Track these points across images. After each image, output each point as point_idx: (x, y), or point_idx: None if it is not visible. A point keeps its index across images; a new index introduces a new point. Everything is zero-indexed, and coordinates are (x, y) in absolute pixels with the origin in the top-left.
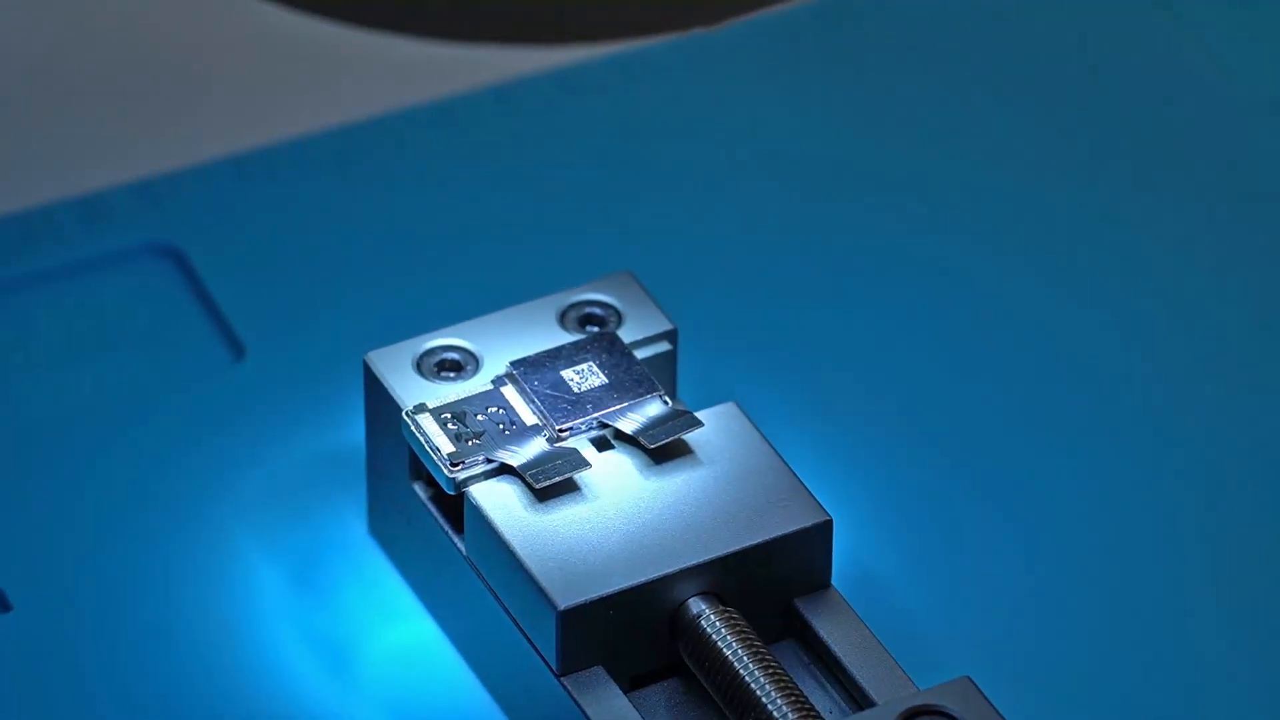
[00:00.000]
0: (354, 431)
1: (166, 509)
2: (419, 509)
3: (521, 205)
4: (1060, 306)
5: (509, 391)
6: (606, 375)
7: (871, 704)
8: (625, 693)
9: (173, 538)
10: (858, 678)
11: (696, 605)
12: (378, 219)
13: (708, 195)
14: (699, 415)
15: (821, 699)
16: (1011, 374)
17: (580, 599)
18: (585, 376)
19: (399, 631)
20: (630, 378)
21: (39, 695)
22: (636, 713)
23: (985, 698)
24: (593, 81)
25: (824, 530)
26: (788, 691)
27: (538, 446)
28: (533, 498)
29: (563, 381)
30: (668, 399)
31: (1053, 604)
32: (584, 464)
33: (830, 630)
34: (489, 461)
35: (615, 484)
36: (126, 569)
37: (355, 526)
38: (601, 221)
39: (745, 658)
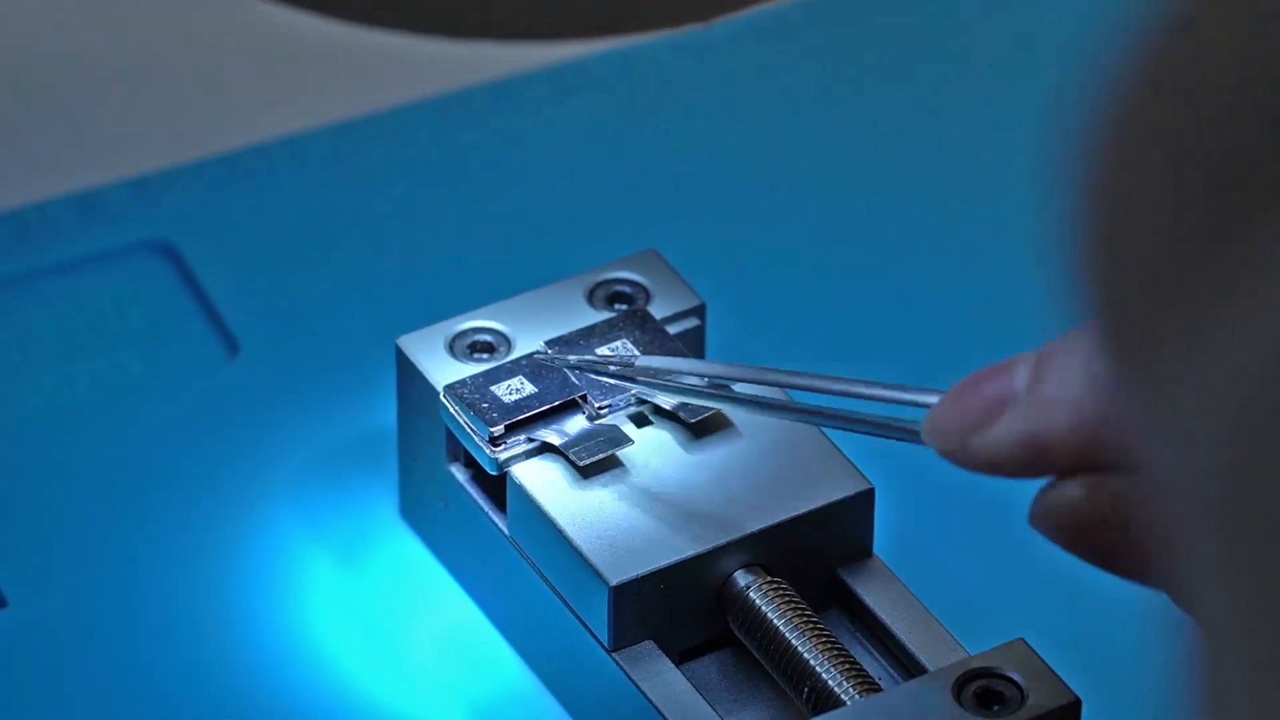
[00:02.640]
0: (348, 425)
1: (161, 505)
2: (457, 490)
3: (519, 201)
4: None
5: None
6: (641, 351)
7: (923, 670)
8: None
9: (169, 533)
10: (907, 644)
11: (744, 577)
12: (373, 216)
13: (706, 186)
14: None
15: (870, 666)
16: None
17: (631, 574)
18: (620, 354)
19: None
20: (665, 353)
21: (35, 692)
22: (690, 685)
23: (1041, 659)
24: (588, 78)
25: (866, 498)
26: (842, 659)
27: (578, 424)
28: (576, 475)
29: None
30: None
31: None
32: (626, 440)
33: (876, 598)
34: (530, 441)
35: (657, 459)
36: (122, 564)
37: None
38: (600, 215)
39: (797, 627)
